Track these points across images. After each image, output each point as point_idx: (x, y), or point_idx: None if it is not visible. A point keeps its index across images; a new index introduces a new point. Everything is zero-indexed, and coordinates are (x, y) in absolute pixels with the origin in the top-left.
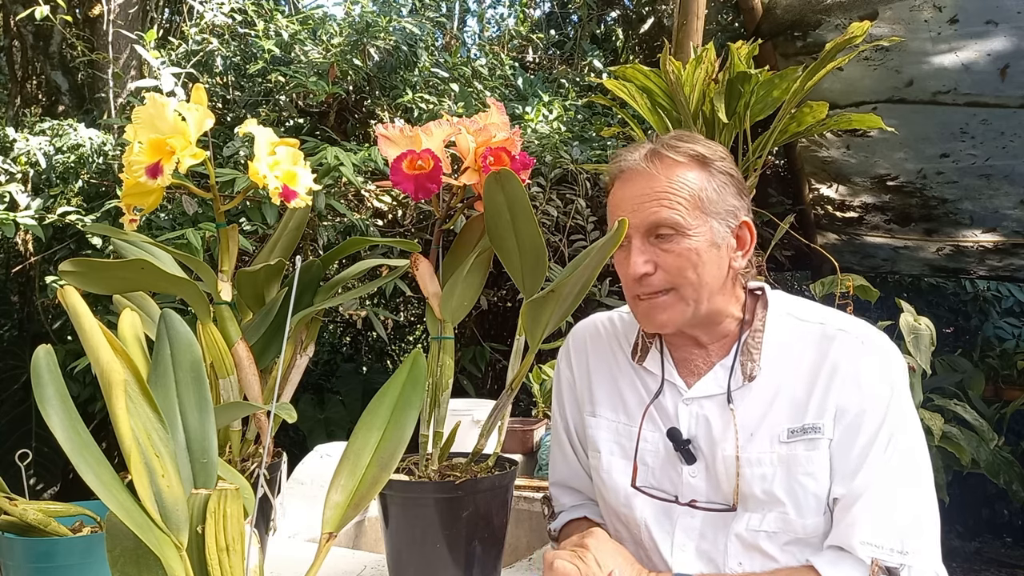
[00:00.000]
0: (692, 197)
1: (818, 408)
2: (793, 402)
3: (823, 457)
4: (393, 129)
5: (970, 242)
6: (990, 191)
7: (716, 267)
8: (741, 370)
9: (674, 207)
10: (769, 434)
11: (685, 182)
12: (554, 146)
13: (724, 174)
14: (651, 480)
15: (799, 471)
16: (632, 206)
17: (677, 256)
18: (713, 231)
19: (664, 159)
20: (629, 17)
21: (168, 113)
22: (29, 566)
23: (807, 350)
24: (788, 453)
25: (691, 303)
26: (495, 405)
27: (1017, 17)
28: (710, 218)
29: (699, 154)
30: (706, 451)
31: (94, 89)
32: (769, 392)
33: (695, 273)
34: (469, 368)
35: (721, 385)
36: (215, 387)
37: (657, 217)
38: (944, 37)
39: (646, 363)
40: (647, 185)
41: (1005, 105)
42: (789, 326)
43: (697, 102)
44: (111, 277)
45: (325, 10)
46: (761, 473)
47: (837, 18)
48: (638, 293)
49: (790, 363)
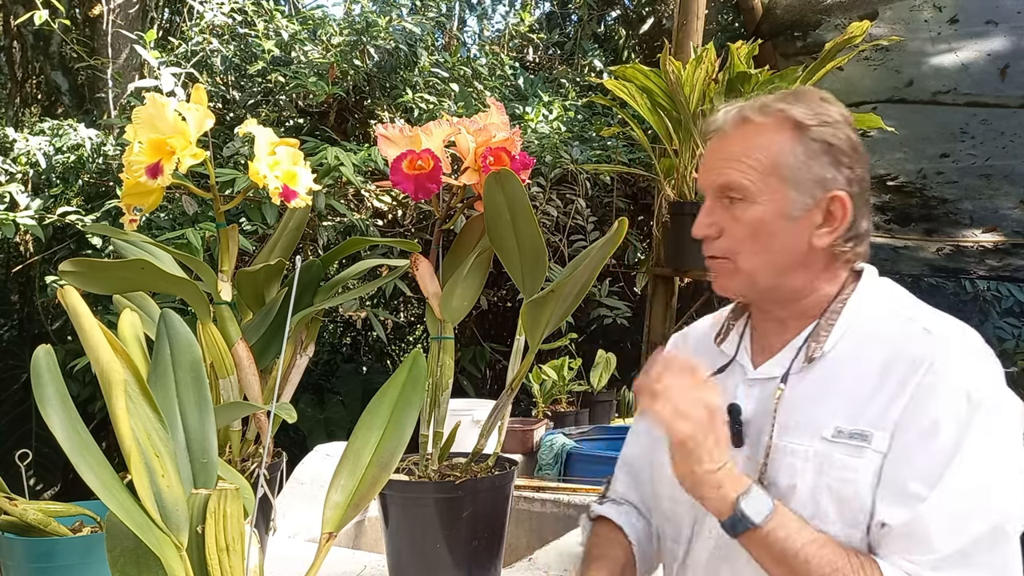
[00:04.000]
0: (769, 161)
1: (877, 415)
2: (851, 400)
3: (866, 468)
4: (393, 129)
5: (970, 242)
6: (990, 191)
7: (787, 240)
8: (806, 352)
9: (744, 171)
10: (812, 427)
11: (764, 145)
12: (554, 146)
13: (820, 141)
14: None
15: (831, 474)
16: (707, 165)
17: (742, 225)
18: (788, 201)
19: (748, 122)
20: (629, 17)
21: (168, 113)
22: (29, 566)
23: (882, 345)
24: (825, 452)
25: (750, 276)
26: (495, 405)
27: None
28: (787, 187)
29: (791, 117)
30: (754, 436)
31: (94, 89)
32: (826, 381)
33: (757, 245)
34: (469, 368)
35: (784, 367)
36: (215, 387)
37: (724, 179)
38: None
39: (724, 345)
40: (723, 146)
41: (1005, 105)
42: (872, 315)
43: (697, 102)
44: (111, 277)
45: (325, 10)
46: (790, 464)
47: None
48: (706, 254)
49: (859, 355)
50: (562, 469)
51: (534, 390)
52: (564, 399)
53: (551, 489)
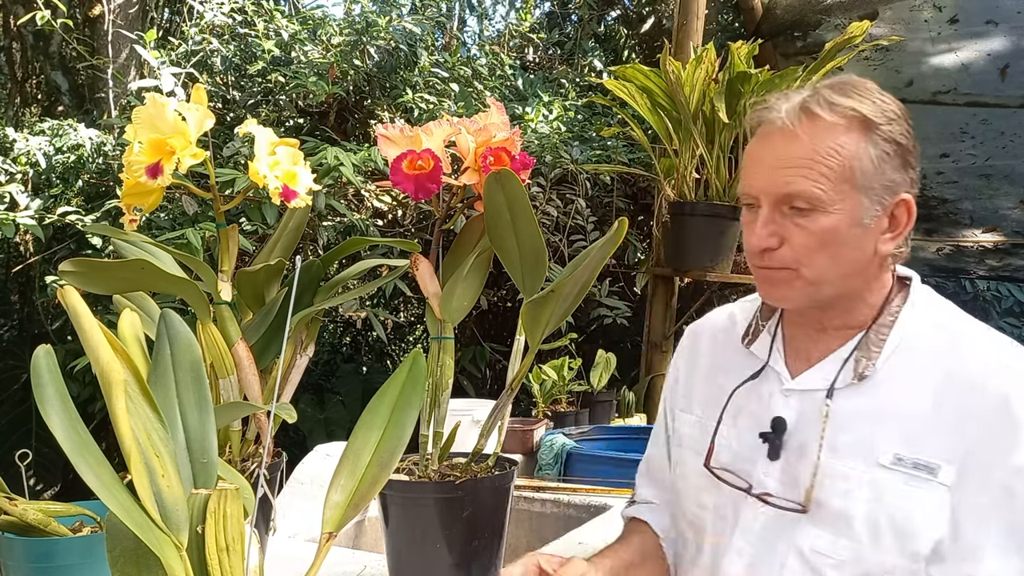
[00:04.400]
0: (841, 168)
1: (942, 446)
2: (907, 423)
3: (931, 502)
4: (393, 129)
5: (970, 242)
6: (990, 191)
7: (856, 249)
8: (854, 366)
9: (816, 179)
10: (866, 451)
11: (836, 149)
12: (554, 146)
13: (890, 142)
14: (724, 466)
15: (891, 503)
16: (767, 169)
17: (810, 235)
18: (860, 208)
19: (816, 120)
20: (629, 17)
21: (168, 113)
22: (29, 566)
23: (937, 365)
24: (884, 480)
25: (814, 285)
26: (495, 405)
27: (1017, 17)
28: (859, 193)
29: (862, 116)
30: (792, 450)
31: (94, 89)
32: (877, 400)
33: (826, 255)
34: (469, 368)
35: (828, 379)
36: (215, 387)
37: (792, 189)
38: (944, 37)
39: (754, 347)
40: (787, 148)
41: (1005, 105)
42: (929, 333)
43: (697, 102)
44: (111, 277)
45: (325, 10)
46: (845, 489)
47: (837, 18)
48: (759, 264)
49: (917, 376)
50: (562, 469)
51: (534, 390)
52: (564, 399)
53: (551, 489)
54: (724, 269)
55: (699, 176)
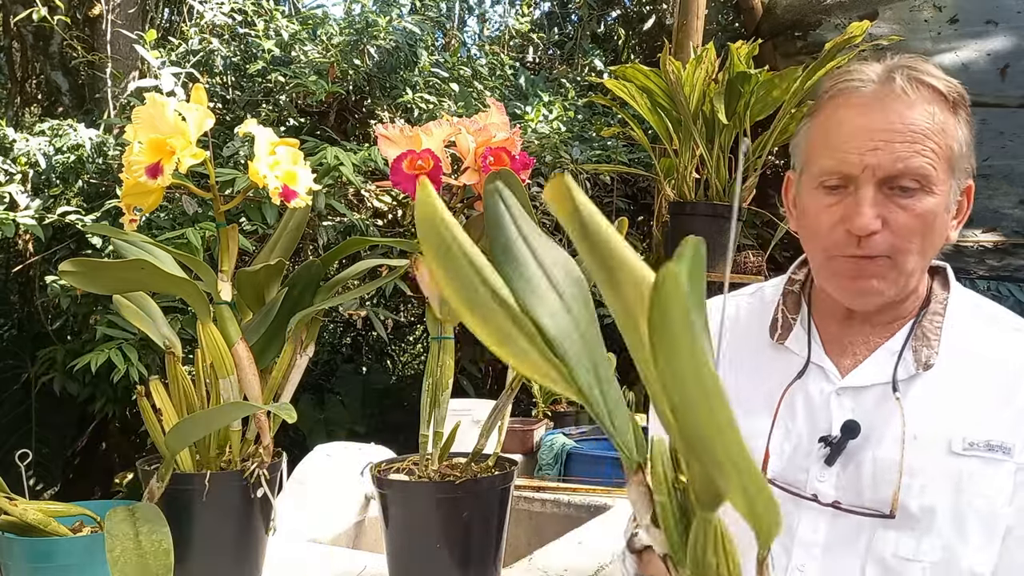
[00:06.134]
0: (946, 146)
1: (1012, 424)
2: (977, 408)
3: (1005, 480)
4: (393, 129)
5: (970, 242)
6: (990, 191)
7: (942, 235)
8: (913, 356)
9: (929, 155)
10: (939, 440)
11: (942, 125)
12: (554, 146)
13: (970, 125)
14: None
15: (972, 490)
16: (874, 141)
17: (913, 217)
18: (950, 191)
19: (924, 86)
20: (630, 17)
21: (168, 113)
22: (29, 566)
23: (1001, 353)
24: (960, 467)
25: (906, 276)
26: (495, 405)
27: (1017, 17)
28: (953, 176)
29: (959, 93)
30: (851, 452)
31: (94, 89)
32: (946, 388)
33: (922, 241)
34: (469, 368)
35: (886, 373)
36: (215, 387)
37: (910, 164)
38: (944, 37)
39: (788, 342)
40: (901, 115)
41: (1005, 105)
42: (977, 320)
43: (697, 102)
44: (111, 277)
45: (325, 10)
46: (921, 485)
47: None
48: (850, 253)
49: (976, 361)
50: (562, 469)
51: (534, 390)
52: (564, 399)
53: (551, 489)
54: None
55: (699, 176)
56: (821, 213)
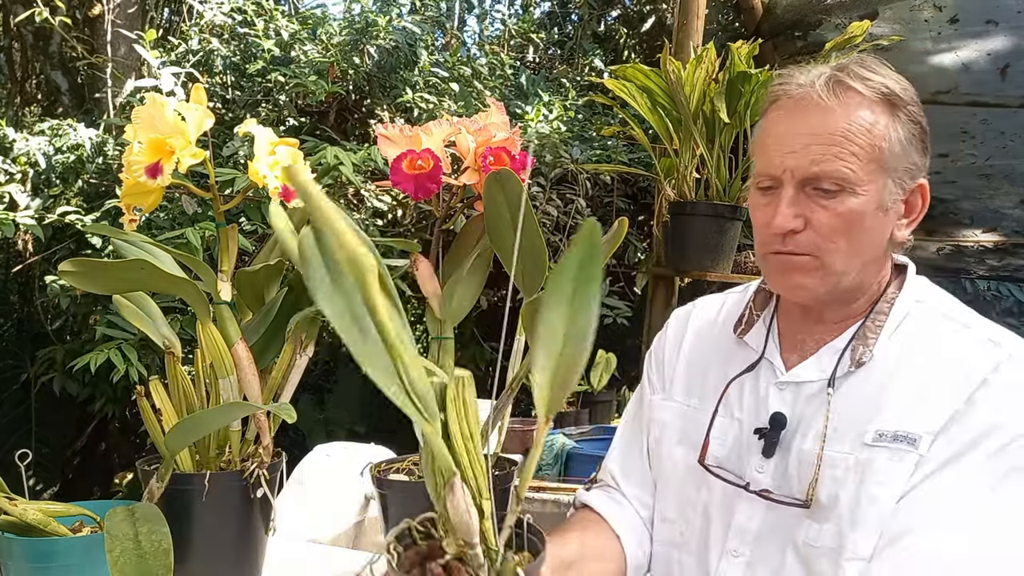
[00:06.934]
0: (871, 147)
1: (928, 420)
2: (898, 402)
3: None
4: (393, 129)
5: (970, 242)
6: (990, 191)
7: (877, 235)
8: (851, 355)
9: (847, 158)
10: (855, 433)
11: (867, 126)
12: (554, 146)
13: (914, 123)
14: (717, 462)
15: (871, 480)
16: (794, 145)
17: (835, 216)
18: (885, 192)
19: (849, 91)
20: (630, 17)
21: (168, 113)
22: (29, 566)
23: (940, 350)
24: (867, 459)
25: (835, 275)
26: (495, 405)
27: (1017, 17)
28: (886, 175)
29: (891, 92)
30: (784, 445)
31: (94, 89)
32: (873, 384)
33: (848, 241)
34: (469, 368)
35: (825, 370)
36: (215, 387)
37: (824, 168)
38: (944, 37)
39: (747, 337)
40: (820, 122)
41: (1005, 105)
42: (923, 318)
43: (697, 102)
44: (111, 277)
45: (325, 10)
46: (833, 476)
47: (837, 18)
48: (776, 249)
49: (913, 358)
50: (562, 469)
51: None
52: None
53: (551, 489)
54: (724, 269)
55: (699, 176)
56: (756, 211)
